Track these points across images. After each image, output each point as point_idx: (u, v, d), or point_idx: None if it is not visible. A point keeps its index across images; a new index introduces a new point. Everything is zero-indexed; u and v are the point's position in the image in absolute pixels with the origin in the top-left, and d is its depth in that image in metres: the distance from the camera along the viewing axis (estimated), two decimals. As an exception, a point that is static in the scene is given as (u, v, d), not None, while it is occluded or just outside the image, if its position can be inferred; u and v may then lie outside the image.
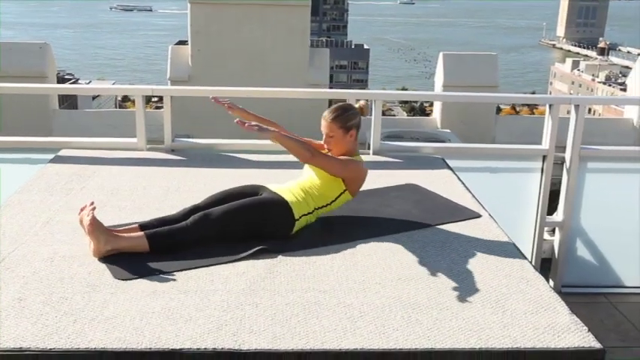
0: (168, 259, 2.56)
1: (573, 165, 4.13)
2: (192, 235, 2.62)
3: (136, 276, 2.43)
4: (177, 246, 2.59)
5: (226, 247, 2.65)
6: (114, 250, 2.53)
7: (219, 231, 2.66)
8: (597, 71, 70.79)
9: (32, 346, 1.97)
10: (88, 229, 2.50)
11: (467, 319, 2.20)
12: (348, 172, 2.88)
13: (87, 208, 2.56)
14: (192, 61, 6.39)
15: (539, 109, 52.17)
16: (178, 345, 2.00)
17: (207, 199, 2.83)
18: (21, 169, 4.10)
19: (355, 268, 2.57)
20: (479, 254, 2.71)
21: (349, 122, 2.88)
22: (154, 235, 2.58)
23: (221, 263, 2.55)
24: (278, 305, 2.26)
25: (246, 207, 2.72)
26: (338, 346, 2.03)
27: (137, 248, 2.55)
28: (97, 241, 2.51)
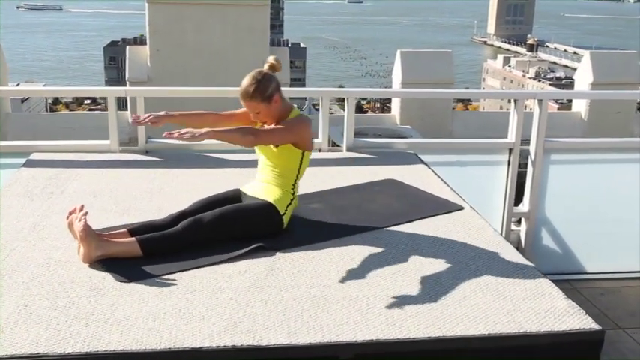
0: (166, 261, 2.55)
1: (538, 157, 4.29)
2: (184, 240, 2.61)
3: (138, 278, 2.41)
4: (170, 251, 2.58)
5: (222, 247, 2.66)
6: (104, 256, 2.50)
7: (210, 236, 2.66)
8: (527, 67, 72.85)
9: (49, 352, 1.95)
10: (80, 235, 2.47)
11: (471, 306, 2.28)
12: (296, 135, 2.78)
13: (77, 213, 2.52)
14: (151, 62, 6.31)
15: (472, 105, 53.42)
16: (197, 343, 2.02)
17: (194, 204, 2.82)
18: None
19: (353, 262, 2.62)
20: (468, 245, 2.81)
21: (267, 91, 2.72)
22: (147, 240, 2.56)
23: (221, 262, 2.57)
24: (287, 301, 2.29)
25: (234, 214, 2.72)
26: (354, 337, 2.08)
27: (129, 253, 2.53)
28: (89, 246, 2.47)
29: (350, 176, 3.71)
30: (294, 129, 2.78)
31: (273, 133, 2.75)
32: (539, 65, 74.53)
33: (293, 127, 2.78)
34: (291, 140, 2.78)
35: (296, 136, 2.78)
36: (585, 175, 4.52)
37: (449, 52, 7.29)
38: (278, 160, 2.82)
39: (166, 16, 6.23)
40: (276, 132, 2.75)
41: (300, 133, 2.80)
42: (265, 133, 2.75)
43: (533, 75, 70.21)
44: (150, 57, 6.31)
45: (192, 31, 6.26)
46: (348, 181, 3.62)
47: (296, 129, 2.78)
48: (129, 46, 6.44)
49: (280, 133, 2.75)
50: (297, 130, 2.79)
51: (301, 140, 2.80)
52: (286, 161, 2.82)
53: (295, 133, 2.78)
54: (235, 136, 2.68)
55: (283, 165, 2.83)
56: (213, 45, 6.32)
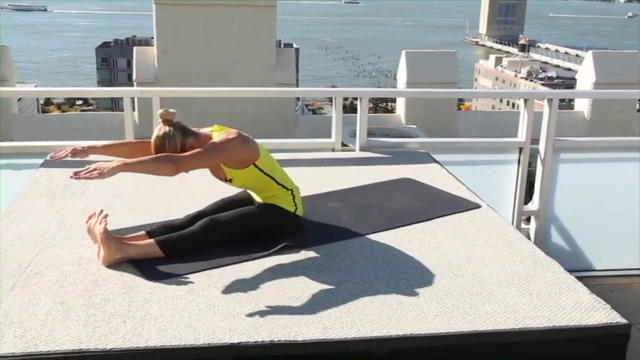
0: (194, 259, 2.59)
1: (547, 156, 4.35)
2: (202, 240, 2.63)
3: (169, 276, 2.45)
4: (189, 250, 2.61)
5: (247, 246, 2.70)
6: (124, 259, 2.52)
7: (227, 236, 2.69)
8: (519, 67, 73.10)
9: (91, 348, 1.98)
10: (100, 238, 2.49)
11: (498, 302, 2.33)
12: (225, 151, 2.58)
13: (97, 216, 2.55)
14: (159, 63, 6.34)
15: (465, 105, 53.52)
16: (235, 339, 2.05)
17: (211, 205, 2.84)
18: (5, 175, 4.02)
19: (377, 260, 2.66)
20: (489, 242, 2.85)
21: (177, 148, 2.55)
22: (166, 241, 2.58)
23: (248, 260, 2.60)
24: (317, 297, 2.33)
25: (250, 215, 2.74)
26: (387, 332, 2.12)
27: (149, 255, 2.55)
28: (108, 249, 2.49)
29: (365, 175, 3.75)
30: (218, 147, 2.57)
31: (197, 157, 2.52)
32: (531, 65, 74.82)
33: (217, 146, 2.57)
34: (222, 159, 2.61)
35: (225, 153, 2.60)
36: (594, 173, 4.58)
37: (453, 53, 7.36)
38: (243, 185, 2.79)
39: (173, 17, 6.26)
40: (199, 155, 2.52)
41: (227, 149, 2.59)
42: (187, 158, 2.49)
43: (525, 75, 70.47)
44: (157, 58, 6.34)
45: (199, 32, 6.29)
46: (364, 180, 3.66)
47: (221, 146, 2.58)
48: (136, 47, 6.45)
49: (206, 155, 2.54)
50: (221, 146, 2.58)
51: (235, 155, 2.62)
52: (249, 181, 2.75)
53: (222, 150, 2.58)
54: (151, 166, 2.44)
55: (251, 185, 2.79)
56: (220, 46, 6.36)
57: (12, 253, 2.59)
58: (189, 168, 2.52)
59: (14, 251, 2.62)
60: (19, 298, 2.25)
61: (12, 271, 2.45)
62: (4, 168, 4.03)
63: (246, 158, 2.65)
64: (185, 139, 2.57)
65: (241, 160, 2.64)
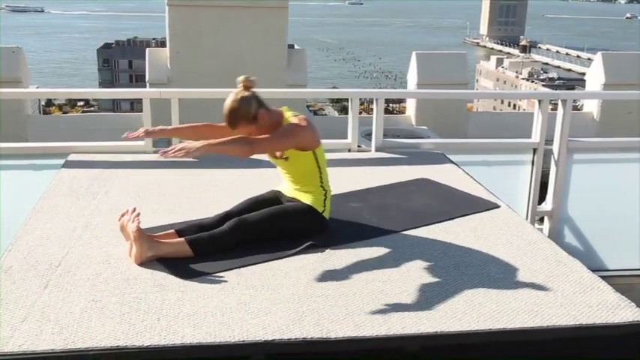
0: (221, 258, 2.62)
1: (561, 156, 4.38)
2: (230, 240, 2.68)
3: (198, 275, 2.48)
4: (218, 250, 2.65)
5: (274, 245, 2.73)
6: (155, 256, 2.56)
7: (255, 236, 2.73)
8: (520, 68, 73.08)
9: (129, 344, 2.01)
10: (134, 236, 2.53)
11: (524, 300, 2.36)
12: (294, 138, 2.74)
13: (129, 215, 2.58)
14: (171, 64, 6.37)
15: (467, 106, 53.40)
16: (268, 336, 2.08)
17: (238, 205, 2.88)
18: (27, 175, 4.06)
19: (403, 258, 2.70)
20: (511, 241, 2.89)
21: (249, 115, 2.70)
22: (196, 240, 2.62)
23: (275, 259, 2.64)
24: (347, 295, 2.36)
25: (277, 215, 2.79)
26: (418, 330, 2.15)
27: (179, 254, 2.59)
28: (140, 247, 2.53)
29: (382, 175, 3.78)
30: (291, 134, 2.73)
31: (271, 142, 2.70)
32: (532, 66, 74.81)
33: (290, 132, 2.73)
34: (291, 145, 2.74)
35: (295, 140, 2.74)
36: (607, 173, 4.61)
37: (463, 54, 7.39)
38: (294, 168, 2.86)
39: (186, 19, 6.29)
40: (273, 140, 2.70)
41: (298, 136, 2.75)
42: (262, 141, 2.68)
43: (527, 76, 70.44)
44: (169, 59, 6.37)
45: (211, 33, 6.32)
46: (381, 180, 3.69)
47: (293, 133, 2.74)
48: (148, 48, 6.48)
49: (278, 141, 2.71)
50: (294, 134, 2.74)
51: (303, 141, 2.76)
52: (302, 166, 2.84)
53: (293, 137, 2.74)
54: (231, 147, 2.62)
55: (301, 170, 2.86)
56: (232, 47, 6.38)
57: (42, 252, 2.63)
58: (262, 151, 2.72)
59: (44, 250, 2.65)
60: (53, 296, 2.29)
61: (44, 269, 2.48)
62: (25, 168, 4.07)
63: (310, 144, 2.78)
64: (259, 108, 2.71)
65: (305, 145, 2.77)
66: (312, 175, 2.84)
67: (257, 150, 2.68)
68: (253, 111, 2.70)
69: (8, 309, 2.18)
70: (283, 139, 2.71)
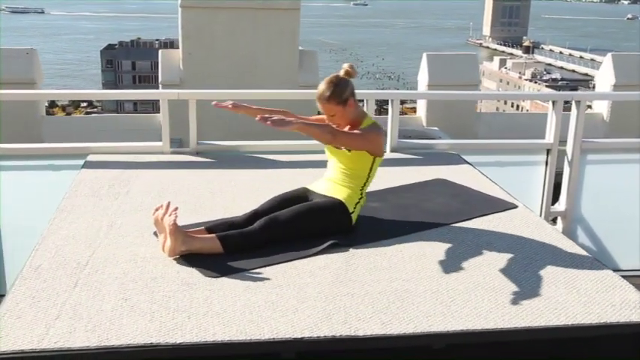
0: (246, 257, 2.65)
1: (575, 157, 4.41)
2: (261, 238, 2.72)
3: (224, 274, 2.51)
4: (248, 248, 2.69)
5: (297, 244, 2.76)
6: (188, 251, 2.61)
7: (285, 234, 2.78)
8: (523, 69, 73.05)
9: (162, 342, 2.04)
10: (170, 229, 2.57)
11: (548, 299, 2.39)
12: (370, 142, 2.91)
13: (166, 209, 2.62)
14: (184, 65, 6.41)
15: (471, 107, 53.35)
16: (297, 334, 2.12)
17: (266, 203, 2.92)
18: (46, 175, 4.11)
19: (425, 257, 2.73)
20: (530, 241, 2.92)
21: (343, 95, 2.87)
22: (226, 237, 2.67)
23: (299, 258, 2.67)
24: (372, 294, 2.39)
25: (308, 212, 2.84)
26: (445, 328, 2.18)
27: (210, 250, 2.64)
28: (175, 241, 2.58)
29: (399, 176, 3.81)
30: (369, 136, 2.90)
31: (350, 137, 2.88)
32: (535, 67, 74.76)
33: (369, 135, 2.90)
34: (366, 147, 2.90)
35: (371, 144, 2.91)
36: (620, 174, 4.64)
37: (473, 55, 7.42)
38: (350, 163, 2.93)
39: (198, 21, 6.33)
40: (353, 136, 2.88)
41: (374, 142, 2.93)
42: (343, 134, 2.87)
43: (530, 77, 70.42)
44: (182, 60, 6.41)
45: (223, 35, 6.35)
46: (398, 180, 3.72)
47: (371, 137, 2.91)
48: (161, 49, 6.52)
49: (357, 139, 2.88)
50: (372, 138, 2.92)
51: (375, 148, 2.93)
52: (358, 165, 2.94)
53: (370, 141, 2.91)
54: (318, 131, 2.84)
55: (355, 168, 2.94)
56: (245, 48, 6.42)
57: (69, 252, 2.66)
58: (340, 144, 2.87)
59: (71, 249, 2.68)
60: (83, 294, 2.32)
61: (72, 268, 2.52)
62: (45, 169, 4.11)
63: (377, 151, 2.95)
64: (351, 96, 2.89)
65: (374, 151, 2.92)
66: (359, 177, 2.95)
67: (337, 140, 2.85)
68: (347, 94, 2.88)
69: (41, 307, 2.22)
70: (360, 139, 2.88)
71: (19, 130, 5.55)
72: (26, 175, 4.19)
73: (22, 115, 5.94)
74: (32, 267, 2.51)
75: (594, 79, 7.50)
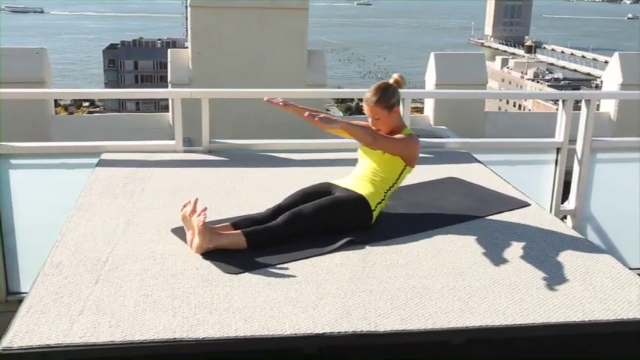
0: (263, 254, 2.68)
1: (585, 156, 4.43)
2: (285, 232, 2.76)
3: (243, 270, 2.54)
4: (272, 242, 2.73)
5: (313, 241, 2.79)
6: (215, 247, 2.65)
7: (308, 228, 2.82)
8: (525, 68, 73.05)
9: (185, 337, 2.07)
10: (199, 227, 2.60)
11: (564, 296, 2.41)
12: (408, 149, 3.03)
13: (193, 206, 2.65)
14: (193, 64, 6.44)
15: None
16: (319, 330, 2.14)
17: (289, 198, 2.97)
18: (60, 174, 4.13)
19: (440, 255, 2.75)
20: (545, 238, 2.94)
21: (391, 100, 3.01)
22: (251, 233, 2.71)
23: (316, 255, 2.69)
24: (390, 291, 2.42)
25: (331, 206, 2.88)
26: (463, 324, 2.21)
27: (235, 245, 2.68)
28: (203, 238, 2.62)
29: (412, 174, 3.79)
30: (408, 144, 3.02)
31: (390, 141, 2.98)
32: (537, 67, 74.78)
33: (408, 142, 3.02)
34: (403, 153, 3.01)
35: (407, 150, 3.03)
36: (630, 173, 4.65)
37: (481, 55, 7.44)
38: (382, 165, 3.01)
39: (207, 20, 6.35)
40: (392, 141, 2.99)
41: (411, 149, 3.04)
42: (384, 138, 2.98)
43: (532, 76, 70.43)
44: (191, 60, 6.44)
45: (232, 35, 6.38)
46: (411, 179, 3.70)
47: (410, 144, 3.03)
48: (170, 49, 6.56)
49: (396, 143, 2.99)
50: (410, 145, 3.03)
51: (410, 156, 3.04)
52: (389, 168, 3.02)
53: (408, 148, 3.02)
54: (360, 132, 2.94)
55: (385, 171, 3.01)
56: (253, 48, 6.45)
57: (88, 249, 2.69)
58: (379, 147, 2.96)
59: (90, 246, 2.71)
60: (105, 290, 2.35)
61: (92, 265, 2.54)
62: (58, 167, 4.14)
63: (410, 160, 3.05)
64: (397, 103, 3.05)
65: (407, 159, 3.03)
66: (387, 180, 3.02)
67: (378, 142, 2.95)
68: (393, 101, 3.01)
69: (64, 303, 2.24)
70: (399, 144, 2.99)
71: (29, 129, 5.58)
72: (39, 173, 4.22)
73: (31, 114, 5.97)
74: (53, 263, 2.54)
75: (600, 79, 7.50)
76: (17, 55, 6.04)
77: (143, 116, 8.67)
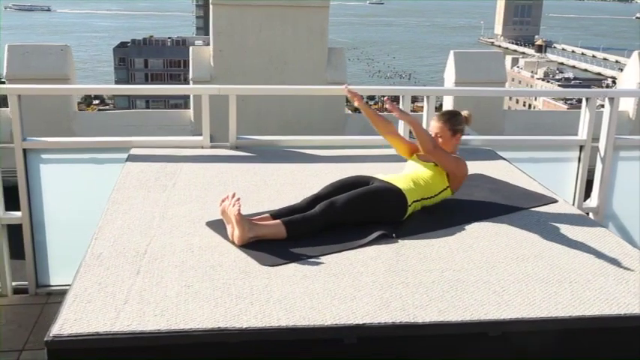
0: (297, 247, 2.72)
1: (608, 153, 4.45)
2: (323, 222, 2.83)
3: (279, 262, 2.58)
4: (310, 231, 2.79)
5: (346, 235, 2.83)
6: (255, 238, 2.70)
7: (344, 217, 2.87)
8: (536, 68, 72.77)
9: (229, 326, 2.11)
10: (236, 219, 2.65)
11: (598, 289, 2.44)
12: (458, 169, 3.18)
13: (230, 200, 2.70)
14: (214, 62, 6.49)
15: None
16: (359, 320, 2.18)
17: (326, 188, 3.04)
18: (88, 168, 4.19)
19: (472, 249, 2.79)
20: (574, 233, 2.97)
21: (457, 126, 3.25)
22: (290, 222, 2.77)
23: (349, 249, 2.73)
24: (425, 283, 2.46)
25: (367, 195, 2.95)
26: (500, 316, 2.24)
27: (275, 235, 2.74)
28: (242, 229, 2.67)
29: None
30: (459, 164, 3.19)
31: (446, 156, 3.16)
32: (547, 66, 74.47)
33: (459, 163, 3.19)
34: (453, 171, 3.16)
35: (458, 170, 3.18)
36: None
37: (500, 53, 7.46)
38: (429, 175, 3.14)
39: (229, 18, 6.40)
40: (449, 157, 3.17)
41: (461, 170, 3.20)
42: (442, 151, 3.16)
43: (542, 76, 70.18)
44: (213, 57, 6.48)
45: (253, 32, 6.42)
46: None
47: (461, 165, 3.20)
48: (191, 46, 6.61)
49: (451, 160, 3.16)
50: (461, 166, 3.20)
51: (454, 178, 3.19)
52: (433, 181, 3.15)
53: (458, 167, 3.19)
54: (425, 136, 3.13)
55: (429, 182, 3.13)
56: (274, 45, 6.49)
57: (126, 241, 2.73)
58: (436, 157, 3.13)
59: (128, 239, 2.76)
60: (147, 281, 2.39)
61: (132, 257, 2.59)
62: (87, 162, 4.20)
63: (455, 181, 3.21)
64: (460, 132, 3.28)
65: (454, 177, 3.19)
66: (426, 189, 3.13)
67: (436, 152, 3.12)
68: (459, 128, 3.26)
69: (108, 292, 2.29)
70: (453, 162, 3.16)
71: (52, 125, 5.64)
72: (67, 168, 4.27)
73: (55, 110, 6.03)
74: (94, 255, 2.59)
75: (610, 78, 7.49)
76: (42, 52, 6.10)
77: (164, 113, 8.71)
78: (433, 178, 3.14)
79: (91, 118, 7.12)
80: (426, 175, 3.14)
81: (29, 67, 5.95)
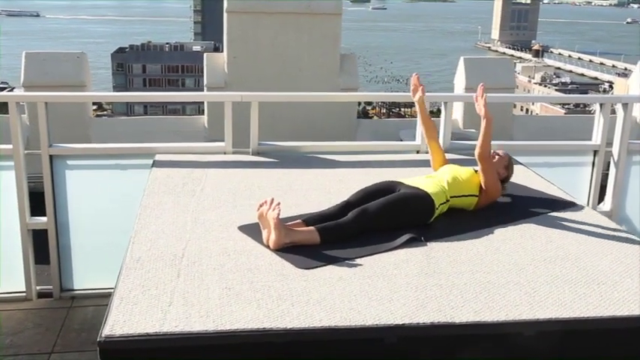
0: (330, 250, 2.79)
1: (621, 158, 4.53)
2: (355, 227, 2.90)
3: (314, 265, 2.65)
4: (343, 238, 2.86)
5: (376, 238, 2.90)
6: (291, 243, 2.76)
7: (376, 223, 2.94)
8: (533, 73, 72.97)
9: (273, 327, 2.18)
10: (274, 223, 2.72)
11: (626, 290, 2.52)
12: (495, 187, 3.35)
13: (268, 205, 2.77)
14: (228, 68, 6.57)
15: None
16: (398, 321, 2.25)
17: (356, 194, 3.12)
18: (114, 174, 4.26)
19: (499, 252, 2.86)
20: (597, 237, 3.05)
21: (507, 167, 3.53)
22: (324, 229, 2.84)
23: (380, 252, 2.80)
24: (458, 285, 2.53)
25: (398, 202, 3.03)
26: (534, 316, 2.32)
27: (309, 241, 2.81)
28: (279, 234, 2.73)
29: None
30: (498, 186, 3.39)
31: (493, 171, 3.37)
32: (544, 71, 74.67)
33: (499, 186, 3.40)
34: (491, 185, 3.33)
35: (494, 188, 3.35)
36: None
37: (509, 59, 7.55)
38: (467, 175, 3.32)
39: (243, 25, 6.48)
40: (495, 173, 3.37)
41: (495, 192, 3.38)
42: (490, 160, 3.38)
43: (539, 80, 70.37)
44: (227, 64, 6.56)
45: (267, 39, 6.51)
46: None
47: (498, 188, 3.40)
48: (206, 53, 6.69)
49: (495, 176, 3.37)
50: (498, 189, 3.40)
51: (488, 195, 3.34)
52: (466, 186, 3.30)
53: (496, 186, 3.37)
54: (488, 142, 3.36)
55: (461, 185, 3.26)
56: (288, 52, 6.58)
57: (163, 245, 2.80)
58: (484, 166, 3.33)
59: (164, 243, 2.82)
60: (188, 283, 2.46)
61: (170, 260, 2.66)
62: (112, 168, 4.27)
63: (487, 195, 3.35)
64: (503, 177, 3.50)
65: (488, 190, 3.34)
66: (455, 188, 3.25)
67: (490, 161, 3.36)
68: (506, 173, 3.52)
69: (152, 294, 2.36)
70: (494, 179, 3.37)
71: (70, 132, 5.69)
72: (92, 173, 4.34)
73: (71, 117, 6.10)
74: (133, 258, 2.65)
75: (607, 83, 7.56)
76: (59, 59, 6.17)
77: (179, 119, 8.78)
78: (469, 181, 3.30)
79: (106, 125, 7.19)
80: (465, 175, 3.32)
81: (47, 73, 6.02)
